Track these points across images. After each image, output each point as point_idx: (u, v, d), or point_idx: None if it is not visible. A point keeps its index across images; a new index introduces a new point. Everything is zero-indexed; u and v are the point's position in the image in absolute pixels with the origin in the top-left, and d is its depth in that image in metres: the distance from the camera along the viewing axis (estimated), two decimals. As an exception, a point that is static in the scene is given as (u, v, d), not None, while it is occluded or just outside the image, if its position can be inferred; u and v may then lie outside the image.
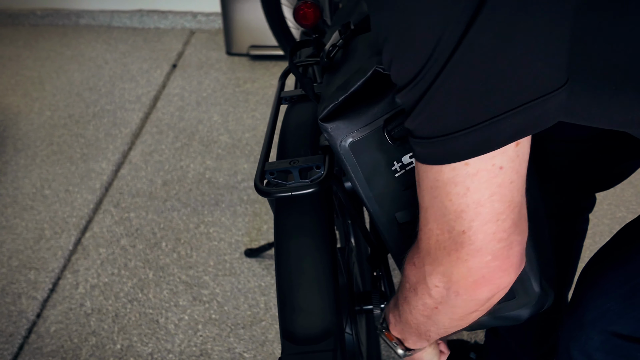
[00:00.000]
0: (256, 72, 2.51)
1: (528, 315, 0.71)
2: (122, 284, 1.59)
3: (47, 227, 1.77)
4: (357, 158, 0.61)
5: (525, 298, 0.68)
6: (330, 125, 0.60)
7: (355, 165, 0.61)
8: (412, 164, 0.61)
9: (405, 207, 0.64)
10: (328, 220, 0.66)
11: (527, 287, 0.67)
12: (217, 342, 1.44)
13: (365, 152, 0.61)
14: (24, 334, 1.47)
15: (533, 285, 0.68)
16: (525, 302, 0.69)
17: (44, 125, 2.22)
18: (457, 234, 0.49)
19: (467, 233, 0.48)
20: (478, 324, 0.71)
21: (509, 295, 0.67)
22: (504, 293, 0.54)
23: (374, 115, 0.59)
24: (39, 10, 2.97)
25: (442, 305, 0.56)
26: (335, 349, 0.58)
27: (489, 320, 0.72)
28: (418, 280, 0.56)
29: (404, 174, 0.62)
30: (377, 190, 0.63)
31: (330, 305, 0.60)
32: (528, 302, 0.69)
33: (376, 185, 0.63)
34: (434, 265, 0.53)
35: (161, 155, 2.05)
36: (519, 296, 0.68)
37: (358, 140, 0.60)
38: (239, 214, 1.79)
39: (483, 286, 0.52)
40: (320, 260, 0.62)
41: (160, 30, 2.89)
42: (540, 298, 0.69)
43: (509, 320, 0.72)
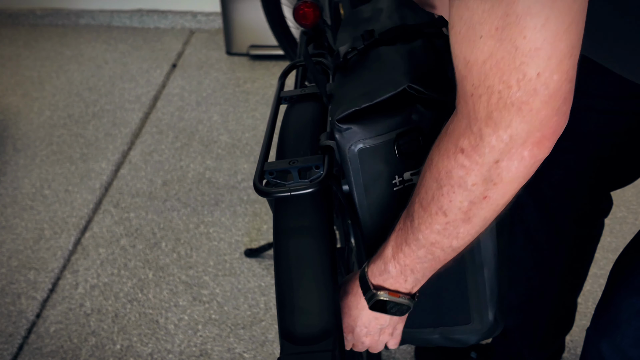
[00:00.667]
0: (256, 72, 2.51)
1: (474, 342, 0.74)
2: (121, 284, 1.59)
3: (47, 227, 1.77)
4: (362, 164, 0.62)
5: (479, 325, 0.71)
6: (345, 127, 0.60)
7: (358, 171, 0.62)
8: (412, 181, 0.62)
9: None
10: (327, 220, 0.66)
11: (483, 315, 0.70)
12: (217, 342, 1.44)
13: (371, 161, 0.61)
14: (23, 334, 1.47)
15: (489, 315, 0.70)
16: (478, 329, 0.72)
17: (44, 125, 2.22)
18: (529, 81, 0.43)
19: (542, 76, 0.43)
20: (426, 341, 0.75)
21: (465, 320, 0.71)
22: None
23: (388, 127, 0.60)
24: (39, 10, 2.97)
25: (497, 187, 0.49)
26: (334, 349, 0.58)
27: (438, 339, 0.75)
28: (469, 170, 0.49)
29: (402, 190, 0.63)
30: (372, 199, 0.64)
31: (329, 305, 0.60)
32: (480, 330, 0.72)
33: (372, 194, 0.64)
34: (497, 133, 0.46)
35: (161, 155, 2.05)
36: (474, 323, 0.71)
37: (368, 148, 0.61)
38: (239, 214, 1.79)
39: (550, 139, 0.46)
40: (319, 260, 0.62)
41: (160, 30, 2.89)
42: (492, 327, 0.72)
43: (456, 342, 0.74)
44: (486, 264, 0.67)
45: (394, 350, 1.40)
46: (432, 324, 0.73)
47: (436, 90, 0.59)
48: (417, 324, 0.73)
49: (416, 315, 0.71)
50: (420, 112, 0.60)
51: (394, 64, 0.64)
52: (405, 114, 0.60)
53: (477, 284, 0.68)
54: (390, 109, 0.60)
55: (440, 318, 0.72)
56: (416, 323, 0.73)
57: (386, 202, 0.64)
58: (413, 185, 0.61)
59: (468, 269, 0.67)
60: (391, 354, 1.39)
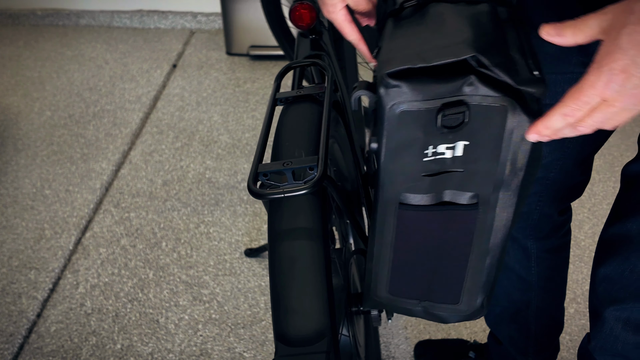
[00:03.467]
0: (256, 72, 2.52)
1: (454, 321, 0.74)
2: (122, 284, 1.59)
3: (48, 227, 1.77)
4: (399, 127, 0.58)
5: (465, 307, 0.71)
6: (394, 83, 0.55)
7: (392, 133, 0.58)
8: (444, 154, 0.59)
9: (413, 191, 0.62)
10: (322, 221, 0.66)
11: (472, 299, 0.70)
12: (217, 341, 1.44)
13: (410, 125, 0.57)
14: (24, 334, 1.48)
15: (477, 300, 0.70)
16: (463, 310, 0.72)
17: (44, 125, 2.23)
18: None
19: None
20: (407, 312, 0.75)
21: (454, 300, 0.70)
22: None
23: (436, 93, 0.55)
24: (40, 11, 2.97)
25: None
26: (329, 351, 0.58)
27: (419, 312, 0.74)
28: None
29: (430, 161, 0.59)
30: (398, 165, 0.60)
31: (323, 306, 0.60)
32: (464, 312, 0.72)
33: (400, 160, 0.60)
34: None
35: (161, 155, 2.05)
36: (461, 304, 0.71)
37: (410, 111, 0.56)
38: (239, 213, 1.80)
39: None
40: (313, 261, 0.62)
41: (161, 31, 2.89)
42: (476, 311, 0.72)
43: (436, 318, 0.74)
44: (491, 251, 0.66)
45: (394, 349, 1.40)
46: (420, 297, 0.72)
47: (499, 66, 0.54)
48: (404, 294, 0.72)
49: (405, 286, 0.70)
50: (473, 85, 0.55)
51: (456, 26, 0.58)
52: (456, 83, 0.55)
53: (476, 269, 0.67)
54: (442, 74, 0.55)
55: (429, 294, 0.71)
56: (404, 293, 0.72)
57: (413, 169, 0.60)
58: (443, 159, 0.59)
59: (473, 253, 0.66)
60: (391, 353, 1.40)
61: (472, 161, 0.59)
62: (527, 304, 1.09)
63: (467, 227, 0.64)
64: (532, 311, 1.09)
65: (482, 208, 0.62)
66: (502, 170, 0.59)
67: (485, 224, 0.63)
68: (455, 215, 0.63)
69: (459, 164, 0.59)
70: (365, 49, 0.73)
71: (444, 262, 0.67)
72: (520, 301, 1.09)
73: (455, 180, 0.61)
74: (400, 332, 1.45)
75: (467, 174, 0.60)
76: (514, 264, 1.04)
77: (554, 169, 0.89)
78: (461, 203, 0.62)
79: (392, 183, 0.62)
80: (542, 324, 1.11)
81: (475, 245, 0.65)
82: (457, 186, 0.61)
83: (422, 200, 0.63)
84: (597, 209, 1.75)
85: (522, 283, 1.06)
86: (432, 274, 0.69)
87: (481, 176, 0.60)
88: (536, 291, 1.07)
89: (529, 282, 1.06)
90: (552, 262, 1.05)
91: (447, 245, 0.66)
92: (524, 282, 1.06)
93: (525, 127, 0.56)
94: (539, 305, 1.09)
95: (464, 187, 0.61)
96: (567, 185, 0.93)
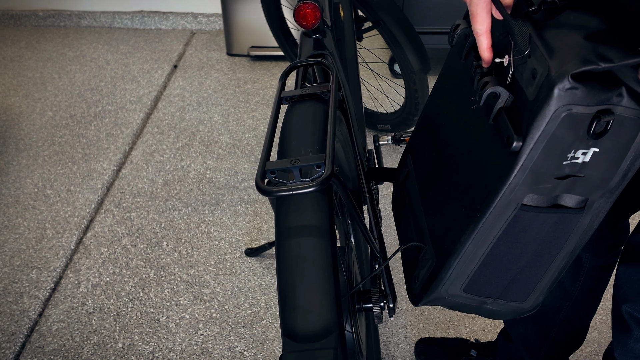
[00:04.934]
0: (256, 72, 2.52)
1: (507, 318, 0.74)
2: (123, 283, 1.60)
3: (49, 226, 1.78)
4: (557, 129, 0.57)
5: (527, 305, 0.72)
6: (572, 85, 0.54)
7: (547, 135, 0.57)
8: (578, 159, 0.59)
9: (538, 192, 0.62)
10: (329, 219, 0.67)
11: (538, 297, 0.70)
12: (218, 340, 1.45)
13: (566, 128, 0.57)
14: (26, 333, 1.48)
15: (541, 297, 0.71)
16: (524, 308, 0.72)
17: (46, 126, 2.23)
18: None
19: None
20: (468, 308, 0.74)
21: (522, 298, 0.71)
22: None
23: (598, 100, 0.55)
24: (41, 12, 2.98)
25: None
26: (336, 347, 0.59)
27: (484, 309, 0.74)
28: None
29: (567, 165, 0.60)
30: (538, 166, 0.60)
31: (331, 303, 0.61)
32: (524, 309, 0.72)
33: (542, 161, 0.59)
34: None
35: (162, 155, 2.05)
36: (527, 301, 0.71)
37: (574, 114, 0.56)
38: (240, 213, 1.80)
39: None
40: (321, 258, 0.62)
41: (162, 31, 2.90)
42: (532, 308, 0.73)
43: (495, 315, 0.74)
44: (574, 252, 0.67)
45: (394, 348, 1.41)
46: (494, 295, 0.72)
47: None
48: (480, 292, 0.72)
49: (485, 284, 0.70)
50: (622, 96, 0.55)
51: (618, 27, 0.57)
52: (613, 92, 0.55)
53: (555, 269, 0.68)
54: (604, 81, 0.55)
55: (505, 291, 0.71)
56: (480, 291, 0.72)
57: (549, 172, 0.60)
58: (575, 164, 0.59)
59: (560, 255, 0.67)
60: (390, 352, 1.40)
61: (595, 168, 0.60)
62: (557, 311, 1.09)
63: (568, 229, 0.65)
64: (559, 319, 1.09)
65: (586, 212, 0.64)
66: (617, 178, 0.61)
67: (582, 227, 0.65)
68: (565, 217, 0.64)
69: (584, 169, 0.60)
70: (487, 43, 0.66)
71: (534, 262, 0.68)
72: (552, 307, 1.09)
73: (574, 184, 0.62)
74: (400, 331, 1.45)
75: (587, 179, 0.61)
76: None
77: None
78: (569, 206, 0.64)
79: (523, 183, 0.61)
80: (564, 333, 1.11)
81: (567, 246, 0.67)
82: (572, 190, 0.62)
83: (539, 202, 0.64)
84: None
85: (562, 291, 1.06)
86: (517, 274, 0.69)
87: (598, 182, 0.61)
88: (572, 302, 1.07)
89: (569, 292, 1.06)
90: (597, 281, 1.05)
91: (543, 246, 0.67)
92: (564, 291, 1.06)
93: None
94: (568, 317, 1.09)
95: (578, 191, 0.62)
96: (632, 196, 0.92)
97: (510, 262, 0.68)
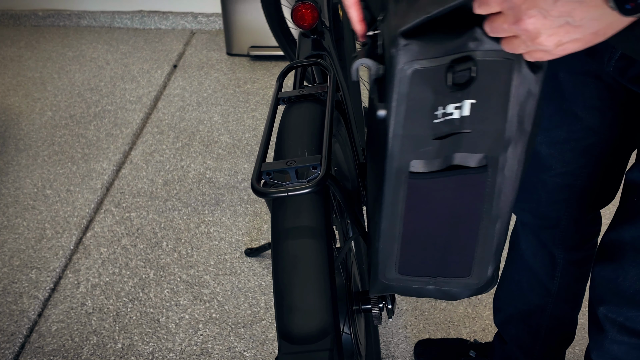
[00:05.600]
0: (256, 72, 2.52)
1: (466, 296, 0.71)
2: (123, 284, 1.60)
3: (49, 226, 1.78)
4: (411, 88, 0.55)
5: (476, 280, 0.69)
6: (404, 42, 0.53)
7: (404, 96, 0.56)
8: (452, 114, 0.57)
9: (422, 157, 0.60)
10: (325, 220, 0.66)
11: (482, 269, 0.68)
12: (218, 341, 1.44)
13: (420, 86, 0.55)
14: (25, 333, 1.48)
15: (488, 270, 0.68)
16: (474, 283, 0.70)
17: (46, 126, 2.23)
18: None
19: None
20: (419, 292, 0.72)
21: (465, 272, 0.68)
22: None
23: (446, 50, 0.54)
24: (41, 11, 2.98)
25: None
26: (332, 348, 0.59)
27: (431, 291, 0.72)
28: None
29: (440, 123, 0.58)
30: (409, 128, 0.58)
31: (326, 304, 0.61)
32: (475, 285, 0.70)
33: (411, 123, 0.58)
34: None
35: (162, 155, 2.05)
36: (472, 276, 0.69)
37: (422, 70, 0.54)
38: (240, 213, 1.80)
39: None
40: (317, 260, 0.62)
41: (161, 31, 2.90)
42: (487, 283, 0.70)
43: (448, 296, 0.72)
44: (501, 216, 0.64)
45: (394, 349, 1.41)
46: (431, 273, 0.70)
47: None
48: (416, 272, 0.70)
49: (417, 262, 0.68)
50: (478, 39, 0.53)
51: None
52: (463, 38, 0.53)
53: (486, 237, 0.65)
54: (451, 28, 0.54)
55: (441, 268, 0.69)
56: (415, 271, 0.70)
57: (423, 133, 0.59)
58: (452, 120, 0.57)
59: (483, 220, 0.64)
60: (390, 352, 1.40)
61: (480, 120, 0.57)
62: (542, 309, 1.09)
63: (477, 191, 0.62)
64: (545, 316, 1.09)
65: (491, 170, 0.60)
66: (511, 128, 0.57)
67: (494, 187, 0.62)
68: (466, 179, 0.61)
69: (467, 124, 0.57)
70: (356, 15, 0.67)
71: (455, 232, 0.65)
72: (536, 305, 1.09)
73: (463, 142, 0.59)
74: (400, 331, 1.45)
75: (476, 134, 0.58)
76: (539, 269, 1.04)
77: (580, 175, 0.89)
78: (471, 166, 0.60)
79: (401, 151, 0.60)
80: (553, 331, 1.11)
81: (485, 210, 0.63)
82: (466, 148, 0.59)
83: (431, 167, 0.61)
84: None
85: (541, 289, 1.06)
86: (443, 247, 0.67)
87: (489, 136, 0.58)
88: (554, 299, 1.07)
89: (549, 289, 1.06)
90: (576, 275, 1.05)
91: (458, 213, 0.64)
92: (543, 288, 1.06)
93: (530, 82, 0.55)
94: (554, 313, 1.09)
95: (473, 149, 0.59)
96: (594, 191, 0.92)
97: (430, 235, 0.66)
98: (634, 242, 0.70)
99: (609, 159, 0.87)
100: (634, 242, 0.70)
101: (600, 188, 0.92)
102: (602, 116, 0.82)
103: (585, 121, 0.83)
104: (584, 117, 0.83)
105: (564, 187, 0.91)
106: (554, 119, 0.84)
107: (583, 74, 0.79)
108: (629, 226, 0.71)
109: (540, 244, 1.01)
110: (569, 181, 0.90)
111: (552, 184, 0.91)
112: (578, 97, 0.81)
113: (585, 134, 0.84)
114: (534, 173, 0.91)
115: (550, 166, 0.89)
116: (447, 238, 0.66)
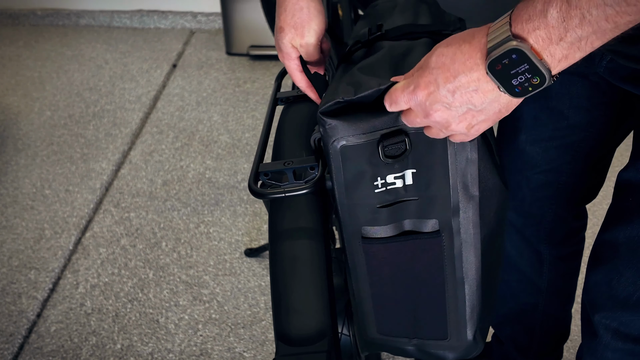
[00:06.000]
0: (256, 72, 2.52)
1: (452, 359, 0.72)
2: (122, 284, 1.59)
3: (48, 227, 1.77)
4: (344, 163, 0.59)
5: (456, 342, 0.70)
6: (328, 121, 0.57)
7: (340, 169, 0.59)
8: (394, 184, 0.60)
9: (373, 224, 0.62)
10: (323, 221, 0.66)
11: (461, 332, 0.69)
12: (217, 341, 1.44)
13: (353, 160, 0.58)
14: (24, 334, 1.48)
15: (467, 333, 0.69)
16: (455, 346, 0.70)
17: (44, 125, 2.23)
18: None
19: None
20: (402, 352, 0.73)
21: (442, 335, 0.69)
22: None
23: (373, 126, 0.57)
24: (40, 11, 2.97)
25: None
26: (330, 350, 0.59)
27: (413, 351, 0.73)
28: None
29: (383, 192, 0.60)
30: (353, 199, 0.61)
31: (323, 306, 0.60)
32: (457, 347, 0.70)
33: (354, 194, 0.61)
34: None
35: (161, 155, 2.05)
36: (451, 339, 0.70)
37: (350, 146, 0.58)
38: (239, 213, 1.80)
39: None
40: (314, 261, 0.62)
41: (161, 30, 2.89)
42: (470, 346, 0.70)
43: (433, 357, 0.73)
44: (467, 279, 0.65)
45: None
46: (407, 335, 0.71)
47: None
48: (393, 332, 0.71)
49: (393, 323, 0.69)
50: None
51: (388, 59, 0.60)
52: (392, 114, 0.56)
53: (456, 299, 0.66)
54: (376, 107, 0.56)
55: (416, 330, 0.70)
56: (392, 331, 0.71)
57: (367, 202, 0.61)
58: (396, 189, 0.59)
59: (448, 282, 0.65)
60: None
61: (424, 188, 0.59)
62: (535, 307, 1.08)
63: (435, 255, 0.63)
64: (538, 314, 1.09)
65: (446, 234, 0.62)
66: (455, 194, 0.59)
67: (452, 250, 0.63)
68: (419, 244, 0.63)
69: (412, 192, 0.60)
70: (314, 95, 0.73)
71: (422, 295, 0.66)
72: (528, 304, 1.08)
73: (412, 208, 0.61)
74: (400, 331, 1.45)
75: (423, 201, 0.60)
76: (526, 268, 1.04)
77: (565, 171, 0.89)
78: (425, 231, 0.62)
79: (351, 218, 0.63)
80: (548, 328, 1.11)
81: (449, 274, 0.65)
82: (415, 215, 0.61)
83: (384, 232, 0.62)
84: (597, 208, 1.75)
85: (531, 287, 1.06)
86: (413, 309, 0.68)
87: (436, 202, 0.60)
88: (545, 296, 1.06)
89: (539, 286, 1.05)
90: (564, 270, 1.05)
91: (420, 277, 0.65)
92: (533, 286, 1.06)
93: (466, 149, 0.57)
94: (546, 310, 1.08)
95: (423, 215, 0.61)
96: (579, 187, 0.92)
97: (397, 298, 0.67)
98: (628, 242, 0.70)
99: (593, 156, 0.87)
100: (628, 242, 0.70)
101: (584, 184, 0.92)
102: (588, 114, 0.82)
103: (571, 119, 0.83)
104: (570, 115, 0.83)
105: (548, 184, 0.91)
106: (539, 117, 0.84)
107: (569, 73, 0.79)
108: (623, 227, 0.71)
109: (525, 243, 1.01)
110: (553, 178, 0.90)
111: (537, 181, 0.91)
112: (564, 95, 0.81)
113: (571, 132, 0.85)
114: (518, 171, 0.91)
115: (535, 164, 0.89)
116: (415, 300, 0.67)
